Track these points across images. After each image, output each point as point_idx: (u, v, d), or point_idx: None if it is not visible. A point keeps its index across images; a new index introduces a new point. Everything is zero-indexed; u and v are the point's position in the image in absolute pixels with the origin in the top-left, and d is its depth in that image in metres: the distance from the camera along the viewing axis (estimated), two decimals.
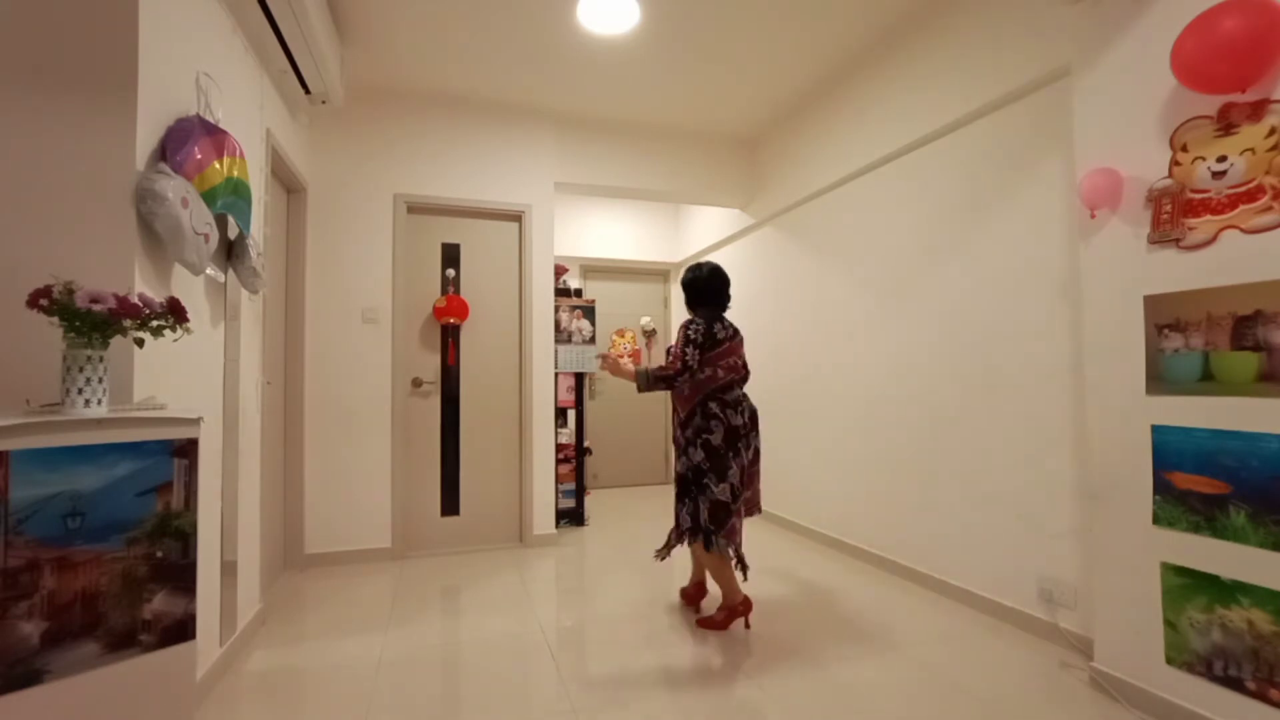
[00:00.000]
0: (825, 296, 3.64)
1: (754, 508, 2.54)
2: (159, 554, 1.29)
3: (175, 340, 1.53)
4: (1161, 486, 1.76)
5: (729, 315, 2.60)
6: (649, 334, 5.76)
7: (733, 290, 2.67)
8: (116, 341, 1.30)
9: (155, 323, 1.35)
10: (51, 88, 1.46)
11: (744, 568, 2.45)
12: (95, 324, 1.22)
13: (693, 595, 2.67)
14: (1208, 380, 1.66)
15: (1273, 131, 1.54)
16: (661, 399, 5.77)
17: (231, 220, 2.05)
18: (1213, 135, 1.65)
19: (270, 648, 2.31)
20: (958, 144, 2.73)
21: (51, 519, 1.12)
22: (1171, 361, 1.74)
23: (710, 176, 4.25)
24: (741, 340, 2.53)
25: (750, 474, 2.47)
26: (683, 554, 3.41)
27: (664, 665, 2.15)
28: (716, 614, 2.45)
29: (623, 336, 5.69)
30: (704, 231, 5.20)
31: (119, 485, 1.22)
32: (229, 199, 1.83)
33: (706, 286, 2.56)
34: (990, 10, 2.50)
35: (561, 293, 4.15)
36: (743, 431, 2.39)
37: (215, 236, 1.75)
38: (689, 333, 2.40)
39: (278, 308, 3.07)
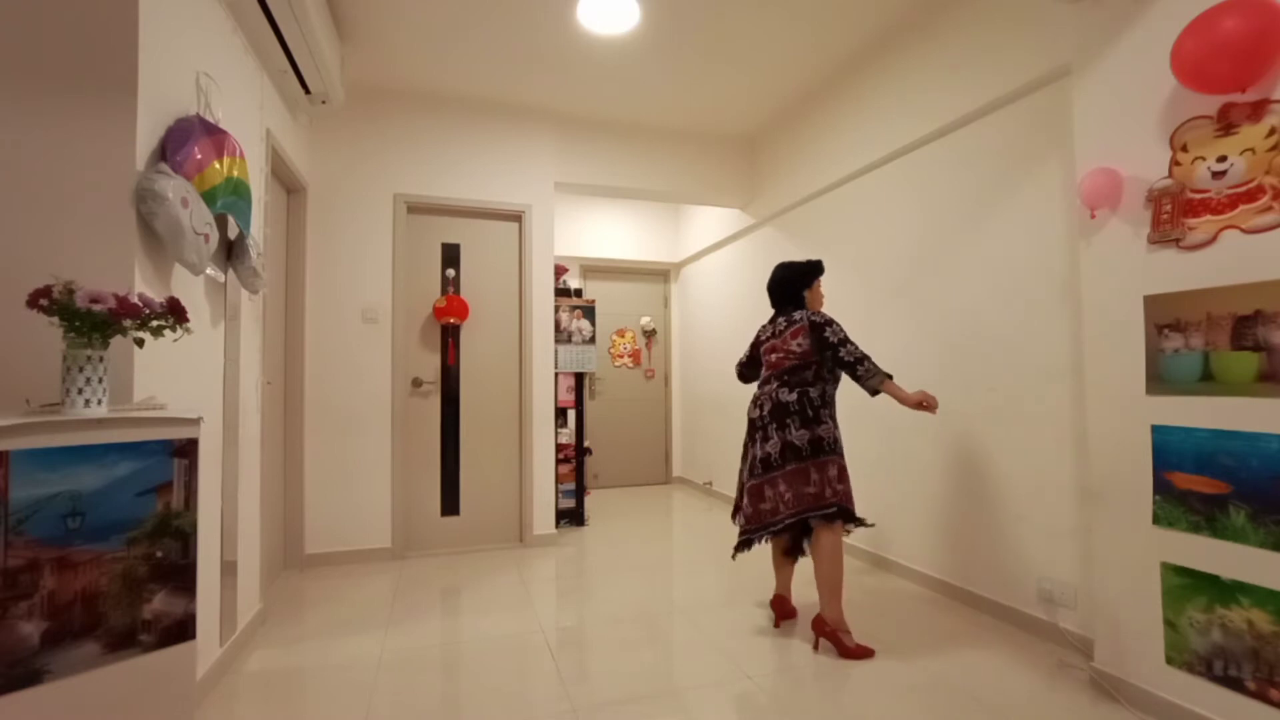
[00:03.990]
0: (825, 296, 3.63)
1: (754, 521, 2.38)
2: (159, 554, 1.29)
3: (175, 340, 1.53)
4: (1161, 486, 1.76)
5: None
6: (649, 334, 5.76)
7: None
8: (116, 341, 1.30)
9: (155, 323, 1.35)
10: (51, 88, 1.46)
11: (742, 545, 2.42)
12: (95, 324, 1.22)
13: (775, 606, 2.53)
14: (1208, 380, 1.66)
15: (1273, 131, 1.54)
16: (662, 400, 5.77)
17: (231, 220, 2.05)
18: (1213, 135, 1.65)
19: (270, 648, 2.31)
20: (958, 144, 2.73)
21: (51, 519, 1.12)
22: (1171, 361, 1.74)
23: (710, 176, 4.25)
24: (800, 330, 2.37)
25: (754, 485, 2.39)
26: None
27: (664, 665, 2.15)
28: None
29: (623, 336, 5.70)
30: (704, 231, 5.20)
31: (119, 485, 1.22)
32: (229, 199, 1.83)
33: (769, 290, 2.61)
34: (990, 10, 2.50)
35: (561, 293, 4.15)
36: (758, 424, 2.41)
37: (215, 236, 1.75)
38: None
39: (278, 308, 3.07)
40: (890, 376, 2.28)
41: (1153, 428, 1.78)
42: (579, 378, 4.30)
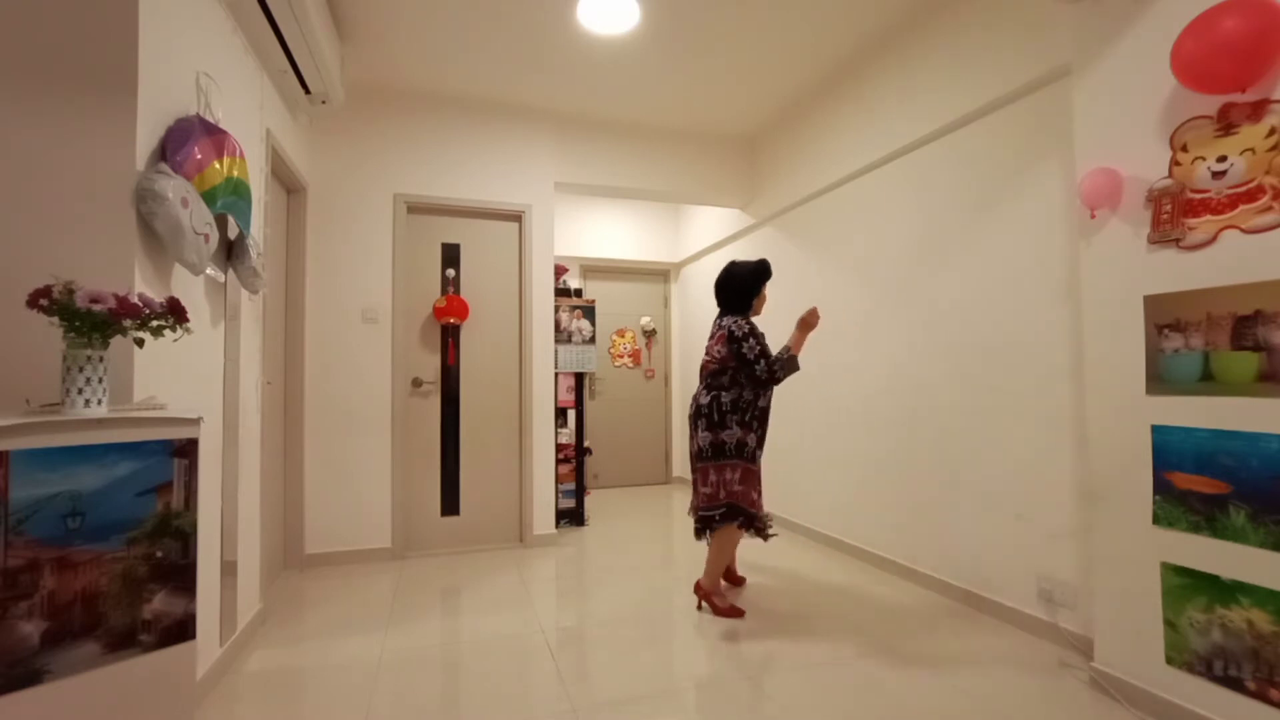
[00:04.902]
0: (825, 296, 3.64)
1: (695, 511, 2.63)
2: (159, 554, 1.29)
3: (175, 340, 1.53)
4: (1161, 486, 1.76)
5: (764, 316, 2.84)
6: (649, 334, 5.76)
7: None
8: (116, 341, 1.30)
9: (155, 323, 1.35)
10: (51, 88, 1.46)
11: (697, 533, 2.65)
12: (95, 324, 1.22)
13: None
14: (1208, 380, 1.66)
15: (1273, 131, 1.54)
16: (662, 400, 5.77)
17: (231, 220, 2.05)
18: (1213, 135, 1.65)
19: (270, 648, 2.31)
20: (958, 144, 2.73)
21: (51, 519, 1.12)
22: (1171, 361, 1.74)
23: (710, 176, 4.25)
24: (720, 337, 2.59)
25: (701, 469, 2.59)
26: (698, 550, 3.41)
27: (664, 665, 2.15)
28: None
29: (623, 336, 5.70)
30: (704, 231, 5.20)
31: (119, 485, 1.22)
32: (229, 199, 1.83)
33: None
34: (991, 10, 2.50)
35: (561, 293, 4.15)
36: (689, 421, 2.66)
37: (215, 236, 1.75)
38: None
39: (278, 308, 3.07)
40: (787, 348, 2.57)
41: (1153, 428, 1.78)
42: (579, 378, 4.30)
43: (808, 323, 2.60)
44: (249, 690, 2.00)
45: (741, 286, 2.63)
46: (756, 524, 2.57)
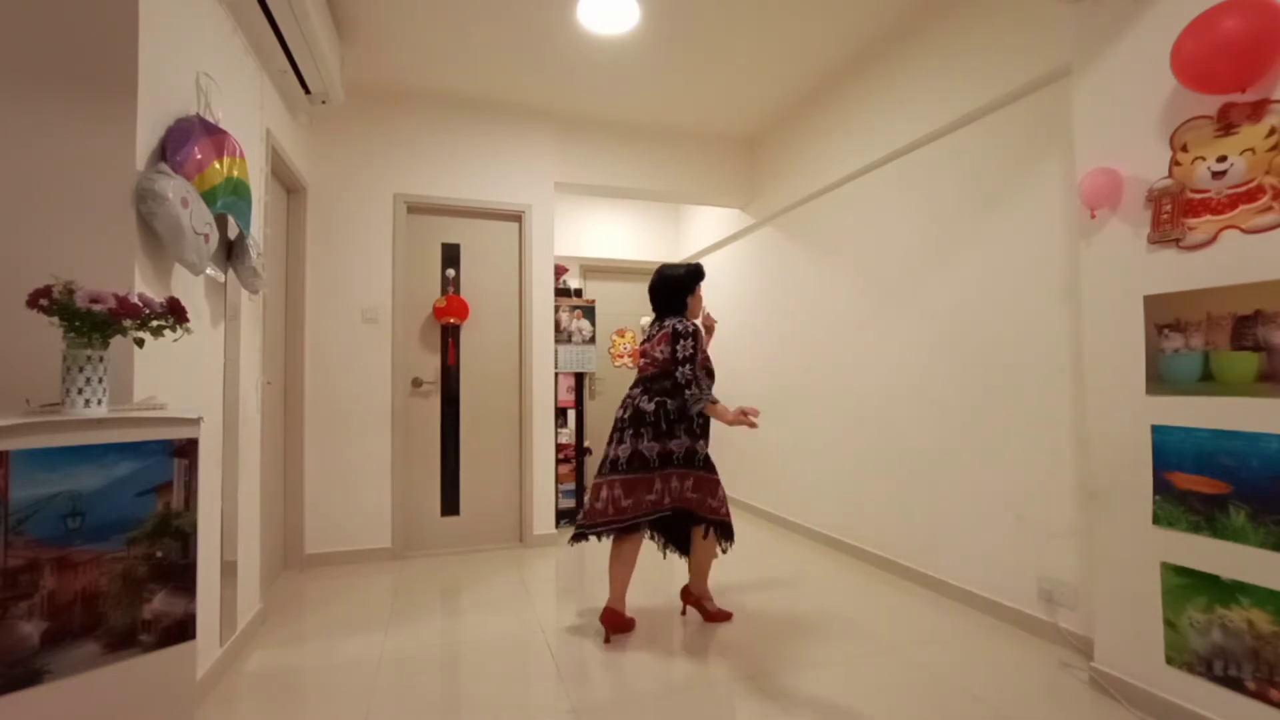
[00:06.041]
0: (825, 296, 3.64)
1: (588, 518, 2.39)
2: (159, 554, 1.29)
3: (175, 340, 1.53)
4: (1161, 486, 1.76)
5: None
6: None
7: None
8: (116, 341, 1.29)
9: (155, 323, 1.35)
10: (52, 88, 1.46)
11: (576, 538, 2.41)
12: (95, 324, 1.22)
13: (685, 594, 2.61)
14: (1208, 380, 1.66)
15: (1273, 131, 1.54)
16: None
17: (231, 220, 2.05)
18: (1213, 135, 1.65)
19: (270, 648, 2.31)
20: (958, 144, 2.73)
21: (51, 519, 1.12)
22: (1171, 361, 1.74)
23: (710, 176, 4.25)
24: (664, 337, 2.40)
25: (596, 483, 2.40)
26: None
27: (664, 665, 2.15)
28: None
29: (623, 336, 5.69)
30: (704, 231, 5.20)
31: (119, 485, 1.22)
32: (229, 199, 1.83)
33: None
34: (990, 10, 2.50)
35: (561, 293, 4.15)
36: (618, 425, 2.44)
37: (215, 236, 1.75)
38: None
39: (278, 308, 3.07)
40: (715, 401, 2.36)
41: (1153, 428, 1.78)
42: (579, 378, 4.30)
43: (743, 418, 2.32)
44: (249, 690, 2.00)
45: (678, 285, 2.48)
46: (724, 532, 2.43)
